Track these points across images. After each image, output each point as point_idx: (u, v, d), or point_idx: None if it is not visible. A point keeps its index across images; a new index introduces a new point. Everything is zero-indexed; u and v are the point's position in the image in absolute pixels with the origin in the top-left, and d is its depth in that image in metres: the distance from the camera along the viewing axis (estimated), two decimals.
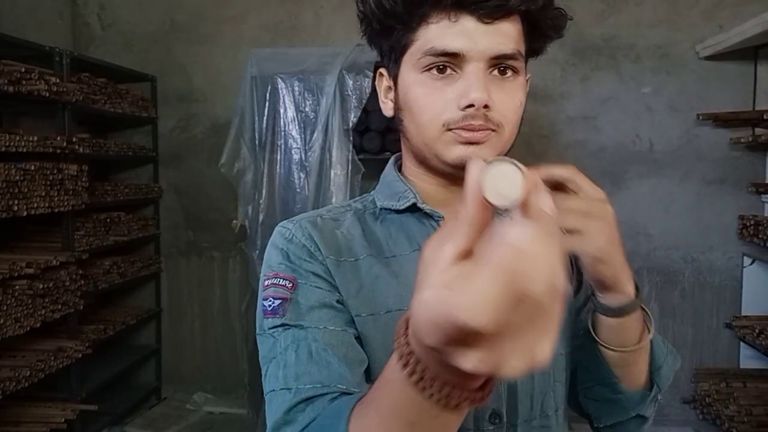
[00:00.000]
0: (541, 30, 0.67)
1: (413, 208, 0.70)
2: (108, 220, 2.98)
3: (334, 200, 2.65)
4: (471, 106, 0.62)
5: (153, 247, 3.48)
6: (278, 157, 2.74)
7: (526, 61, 0.68)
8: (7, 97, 2.29)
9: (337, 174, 2.66)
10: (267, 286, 0.66)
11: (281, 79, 2.72)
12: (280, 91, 2.74)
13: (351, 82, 2.66)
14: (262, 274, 0.69)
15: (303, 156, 2.73)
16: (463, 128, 0.63)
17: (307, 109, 2.73)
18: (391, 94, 0.72)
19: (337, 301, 0.65)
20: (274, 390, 0.61)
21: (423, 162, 0.71)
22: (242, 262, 3.28)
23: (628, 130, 3.00)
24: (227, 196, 3.18)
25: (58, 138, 2.50)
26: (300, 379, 0.60)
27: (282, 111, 2.73)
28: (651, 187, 3.00)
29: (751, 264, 2.90)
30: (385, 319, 0.65)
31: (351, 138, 2.68)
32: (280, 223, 0.72)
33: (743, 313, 2.90)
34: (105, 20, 3.42)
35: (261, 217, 2.75)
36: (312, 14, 3.23)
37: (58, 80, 2.47)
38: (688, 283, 3.00)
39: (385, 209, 0.72)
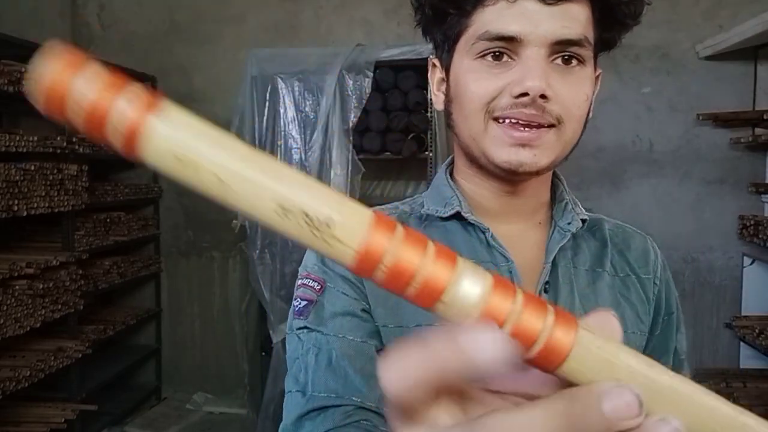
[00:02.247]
0: (614, 16, 0.60)
1: (458, 216, 0.64)
2: (108, 220, 2.98)
3: None
4: (525, 95, 0.55)
5: (153, 247, 3.48)
6: (278, 157, 2.74)
7: (596, 54, 0.62)
8: (7, 97, 2.29)
9: (337, 174, 2.66)
10: (298, 286, 0.65)
11: (281, 79, 2.72)
12: (280, 91, 2.74)
13: (351, 82, 2.66)
14: (299, 273, 0.67)
15: (303, 156, 2.73)
16: (511, 119, 0.56)
17: (307, 109, 2.73)
18: (443, 87, 0.66)
19: (362, 310, 0.62)
20: (290, 391, 0.60)
21: (473, 161, 0.64)
22: (242, 262, 3.28)
23: (628, 130, 3.00)
24: None
25: (58, 138, 2.50)
26: (316, 385, 0.58)
27: (282, 111, 2.73)
28: (651, 187, 3.00)
29: (751, 264, 2.90)
30: (413, 333, 0.60)
31: (351, 138, 2.68)
32: None
33: (743, 313, 2.90)
34: (105, 20, 3.41)
35: None
36: (312, 14, 3.23)
37: None
38: (688, 283, 3.00)
39: (430, 215, 0.66)
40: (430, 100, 2.66)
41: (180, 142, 0.20)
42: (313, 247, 0.22)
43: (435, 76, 0.68)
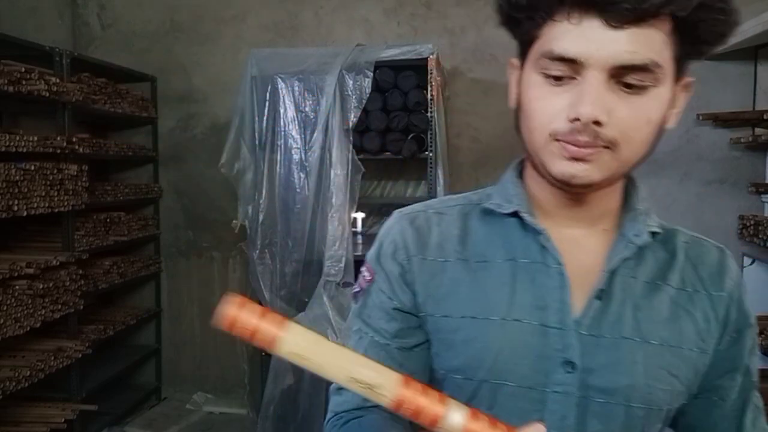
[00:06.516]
0: (697, 35, 0.57)
1: (518, 214, 0.67)
2: (108, 220, 2.98)
3: (334, 200, 2.64)
4: (578, 119, 0.56)
5: (153, 247, 3.48)
6: (278, 157, 2.74)
7: (681, 67, 0.61)
8: (7, 97, 2.29)
9: (337, 174, 2.66)
10: (361, 271, 0.75)
11: (281, 79, 2.72)
12: (280, 91, 2.73)
13: (351, 82, 2.66)
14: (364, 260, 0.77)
15: (303, 156, 2.73)
16: (569, 142, 0.57)
17: (307, 109, 2.73)
18: (517, 88, 0.67)
19: (394, 309, 0.70)
20: None
21: (535, 167, 0.65)
22: (242, 262, 3.28)
23: None
24: (227, 196, 3.18)
25: (58, 138, 2.50)
26: None
27: (282, 111, 2.73)
28: (651, 187, 2.98)
29: (751, 264, 2.90)
30: (459, 323, 0.66)
31: (351, 138, 2.67)
32: (396, 210, 0.75)
33: None
34: (105, 20, 3.42)
35: (261, 217, 2.75)
36: (312, 14, 3.23)
37: (58, 80, 2.47)
38: None
39: (493, 210, 0.69)
40: (430, 100, 2.66)
41: (298, 345, 0.44)
42: (368, 397, 0.44)
43: (513, 75, 0.68)
